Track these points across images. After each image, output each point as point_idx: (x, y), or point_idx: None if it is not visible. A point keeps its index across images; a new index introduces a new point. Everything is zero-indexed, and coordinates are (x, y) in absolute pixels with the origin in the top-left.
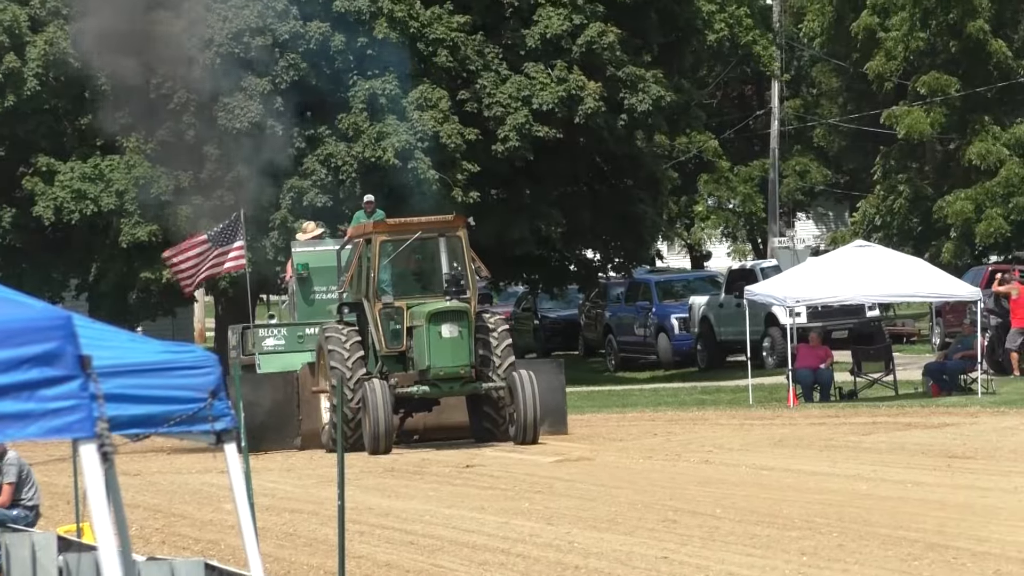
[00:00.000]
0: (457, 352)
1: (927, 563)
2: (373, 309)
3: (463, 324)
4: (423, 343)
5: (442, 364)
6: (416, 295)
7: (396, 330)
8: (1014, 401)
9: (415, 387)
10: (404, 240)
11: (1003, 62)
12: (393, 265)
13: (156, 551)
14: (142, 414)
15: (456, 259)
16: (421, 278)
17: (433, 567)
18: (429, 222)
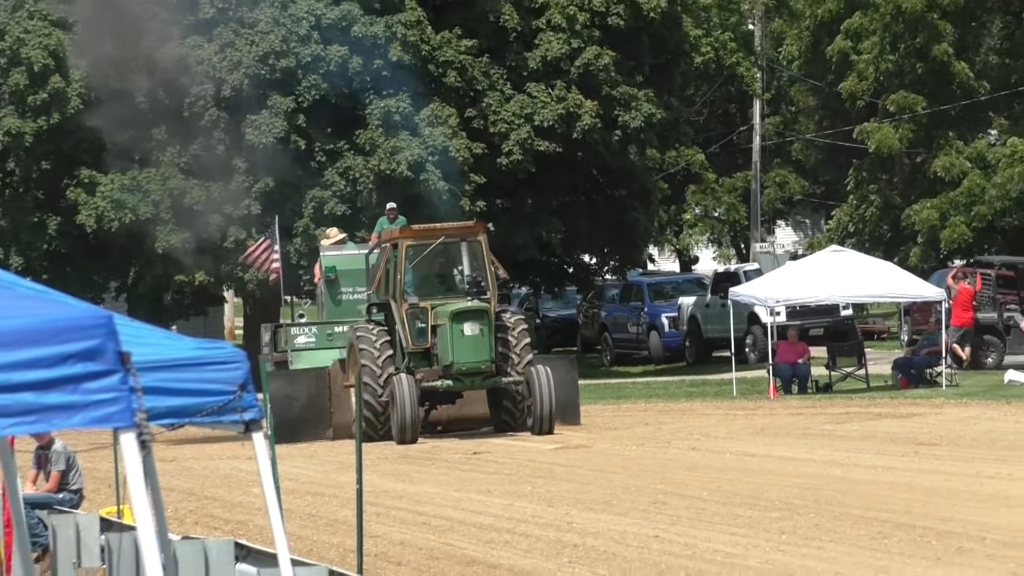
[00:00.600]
0: (478, 349)
1: (896, 541)
2: (400, 309)
3: (483, 323)
4: (446, 340)
5: (464, 360)
6: (439, 296)
7: (421, 328)
8: (976, 393)
9: (439, 381)
10: (428, 245)
11: (965, 82)
12: (418, 268)
13: (190, 531)
14: (177, 405)
15: (477, 262)
16: (444, 280)
17: (444, 545)
18: (452, 228)
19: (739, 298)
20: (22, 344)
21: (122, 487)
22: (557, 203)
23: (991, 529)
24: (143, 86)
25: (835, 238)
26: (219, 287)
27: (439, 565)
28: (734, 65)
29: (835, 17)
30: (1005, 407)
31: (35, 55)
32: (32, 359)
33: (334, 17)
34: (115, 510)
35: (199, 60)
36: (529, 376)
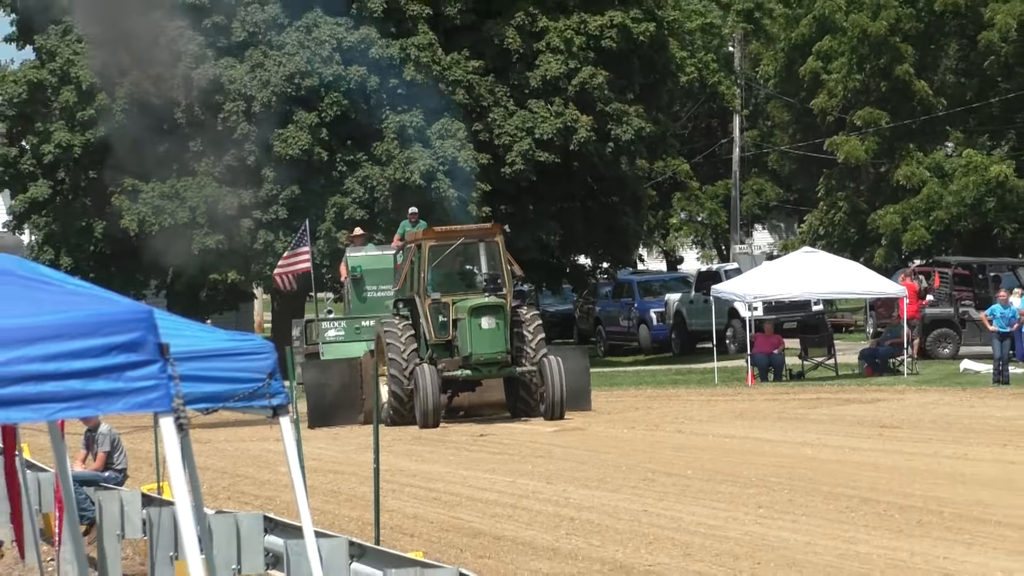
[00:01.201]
0: (495, 341)
1: (862, 514)
2: (423, 304)
3: (500, 317)
4: (465, 333)
5: (481, 351)
6: (460, 292)
7: (443, 322)
8: (934, 381)
9: (459, 371)
10: (449, 245)
11: (925, 99)
12: (439, 266)
13: (223, 505)
14: (211, 392)
15: (494, 261)
16: (464, 277)
17: (453, 518)
18: (471, 229)
19: (720, 295)
20: (71, 336)
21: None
22: (556, 209)
23: (948, 503)
24: (181, 103)
25: (807, 240)
26: (249, 285)
27: (448, 536)
28: (716, 84)
29: (807, 40)
30: (961, 393)
31: (83, 75)
32: (80, 350)
33: (354, 40)
34: (155, 487)
35: (232, 79)
36: (542, 366)
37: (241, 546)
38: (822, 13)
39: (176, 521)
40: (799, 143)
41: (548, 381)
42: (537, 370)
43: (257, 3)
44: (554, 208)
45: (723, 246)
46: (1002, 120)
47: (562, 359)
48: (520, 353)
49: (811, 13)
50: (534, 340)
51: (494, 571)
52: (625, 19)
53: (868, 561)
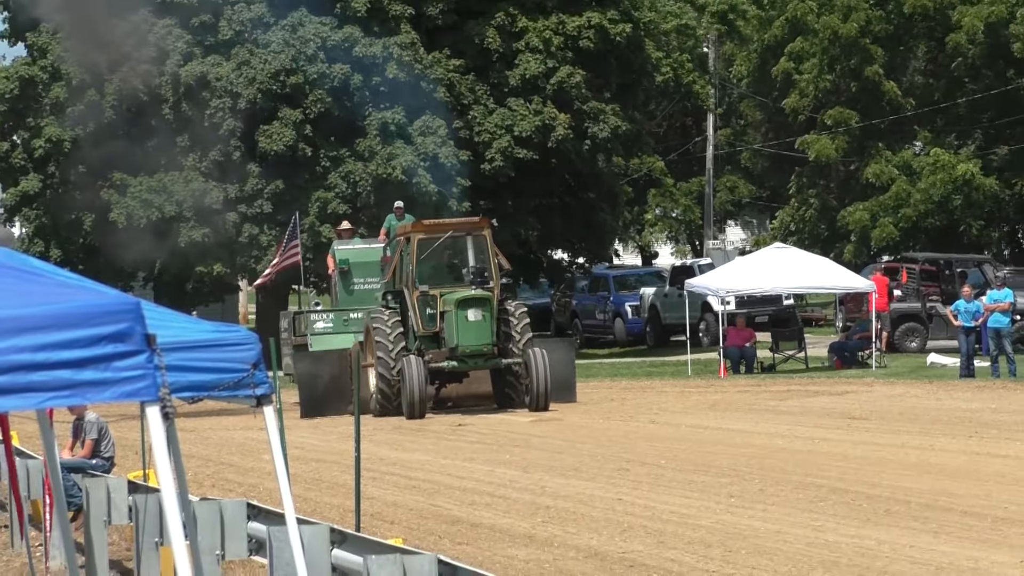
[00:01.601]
0: (481, 333)
1: (831, 504)
2: (411, 296)
3: (486, 309)
4: (452, 325)
5: (468, 343)
6: (447, 285)
7: (431, 314)
8: (902, 373)
9: (446, 362)
10: (438, 238)
11: (894, 99)
12: (428, 259)
13: (207, 493)
14: (196, 381)
15: (481, 254)
16: (452, 270)
17: (432, 506)
18: (459, 223)
19: (694, 289)
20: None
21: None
22: (534, 204)
23: (915, 493)
24: (169, 99)
25: (778, 236)
26: (234, 277)
27: (427, 524)
28: (690, 83)
29: (780, 41)
30: (928, 386)
31: (73, 72)
32: (69, 340)
33: (338, 39)
34: (141, 474)
35: (218, 76)
36: (527, 358)
37: (225, 532)
38: (794, 15)
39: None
40: (771, 141)
41: (533, 373)
42: (522, 362)
43: (243, 2)
44: (532, 204)
45: (697, 241)
46: (969, 120)
47: (548, 351)
48: (506, 345)
49: (783, 15)
50: (520, 333)
51: (472, 557)
52: (602, 20)
53: (836, 549)
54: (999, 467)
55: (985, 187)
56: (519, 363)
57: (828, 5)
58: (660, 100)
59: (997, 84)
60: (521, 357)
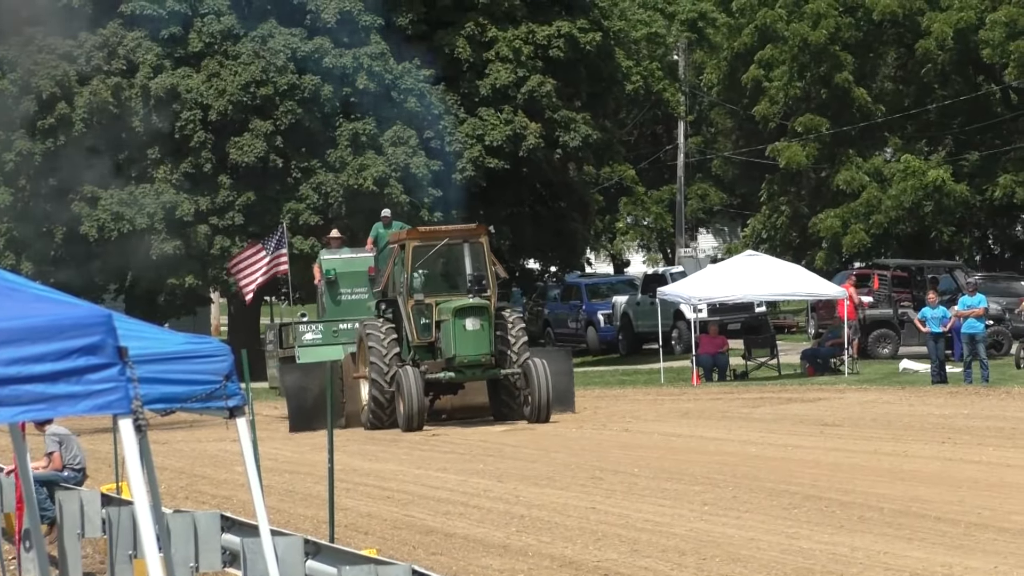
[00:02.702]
0: (479, 342)
1: (804, 511)
2: (406, 305)
3: (484, 318)
4: (449, 335)
5: (466, 353)
6: (443, 293)
7: (426, 324)
8: (874, 380)
9: (443, 373)
10: (433, 246)
11: (864, 106)
12: (423, 267)
13: (181, 504)
14: (169, 393)
15: (478, 262)
16: (447, 278)
17: (406, 516)
18: (455, 230)
19: (666, 297)
20: (33, 340)
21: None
22: (506, 214)
23: (888, 500)
24: (139, 111)
25: (750, 244)
26: (206, 289)
27: (401, 534)
28: (661, 91)
29: (749, 49)
30: (900, 392)
31: (43, 84)
32: (41, 353)
33: (308, 50)
34: (114, 487)
35: (188, 88)
36: (527, 368)
37: (199, 544)
38: (764, 23)
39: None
40: (742, 149)
41: (534, 384)
42: (521, 372)
43: (213, 14)
44: (504, 213)
45: (668, 249)
46: (939, 126)
47: (546, 361)
48: (503, 355)
49: (753, 23)
50: (517, 342)
51: (446, 567)
52: (572, 29)
53: (810, 556)
54: (972, 473)
55: (956, 193)
56: (518, 374)
57: (797, 12)
58: (631, 108)
59: (967, 90)
60: (520, 368)
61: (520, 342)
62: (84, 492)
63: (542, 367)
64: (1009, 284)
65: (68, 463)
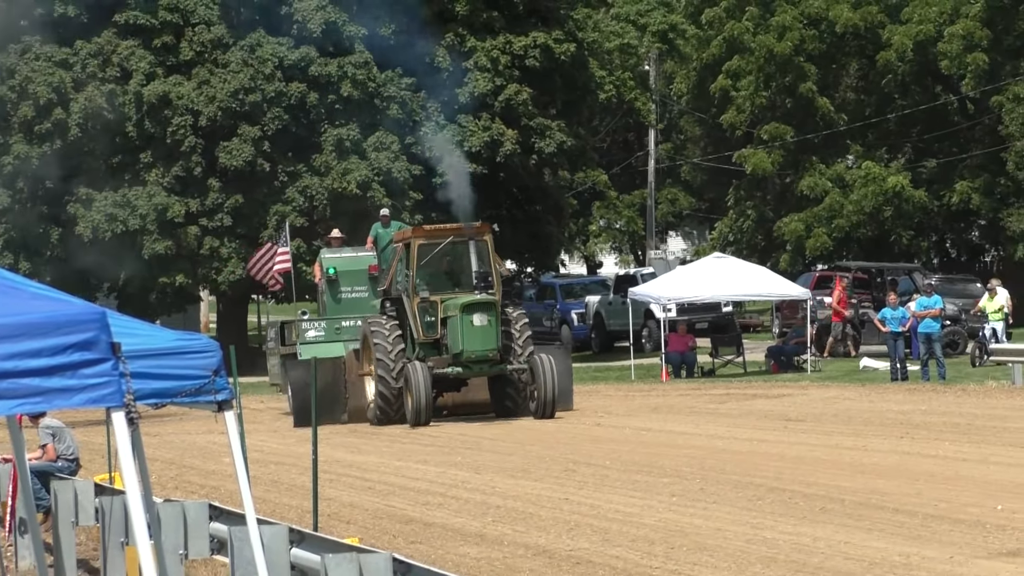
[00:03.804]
0: (486, 338)
1: (769, 502)
2: (411, 303)
3: (491, 314)
4: (457, 330)
5: (473, 348)
6: (447, 291)
7: (430, 321)
8: (836, 377)
9: (449, 368)
10: (438, 243)
11: (827, 115)
12: (427, 265)
13: (171, 494)
14: (160, 388)
15: (483, 259)
16: (452, 276)
17: (387, 506)
18: (460, 228)
19: (637, 297)
20: (29, 336)
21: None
22: (483, 217)
23: (848, 492)
24: (132, 117)
25: (718, 246)
26: (196, 288)
27: (382, 523)
28: (632, 100)
29: (718, 60)
30: (860, 389)
31: (41, 91)
32: (37, 349)
33: (294, 59)
34: (107, 477)
35: (180, 95)
36: (533, 364)
37: (188, 532)
38: (731, 35)
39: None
40: (710, 156)
41: (540, 379)
42: (528, 368)
43: (203, 24)
44: (482, 216)
45: (639, 251)
46: (899, 134)
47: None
48: (508, 352)
49: (721, 35)
50: (521, 338)
51: (425, 556)
52: (548, 40)
53: (774, 546)
54: (929, 466)
55: (914, 199)
56: (523, 369)
57: (764, 25)
58: (603, 116)
59: (925, 100)
60: (526, 364)
61: (524, 338)
62: (78, 482)
63: (548, 363)
64: (965, 286)
65: (62, 454)
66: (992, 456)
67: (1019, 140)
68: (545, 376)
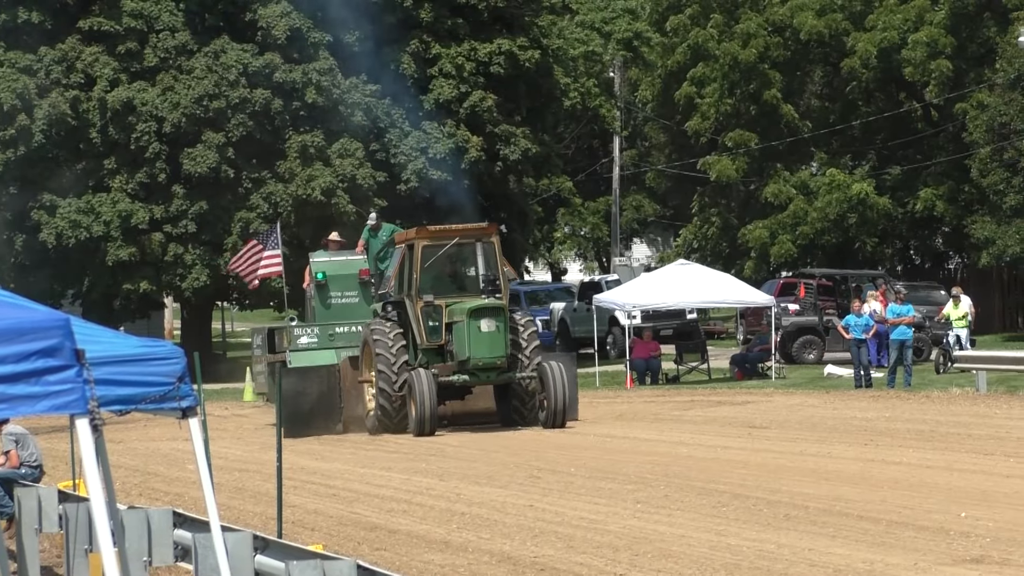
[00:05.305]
0: (494, 345)
1: (733, 509)
2: (415, 307)
3: (500, 319)
4: (463, 336)
5: (481, 355)
6: (452, 295)
7: (435, 326)
8: (800, 384)
9: (455, 376)
10: (443, 245)
11: (791, 122)
12: (430, 268)
13: (135, 501)
14: (124, 394)
15: (490, 262)
16: (455, 279)
17: (351, 513)
18: (466, 229)
19: (602, 304)
20: None
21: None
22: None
23: (812, 499)
24: (96, 123)
25: (682, 253)
26: (160, 294)
27: (347, 530)
28: (597, 107)
29: (682, 67)
30: (824, 396)
31: (4, 97)
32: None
33: (259, 65)
34: (71, 484)
35: (144, 102)
36: (542, 372)
37: (152, 539)
38: (696, 42)
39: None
40: (675, 163)
41: (550, 387)
42: (536, 376)
43: (168, 30)
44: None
45: (604, 258)
46: (863, 141)
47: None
48: (515, 359)
49: (686, 42)
50: (529, 346)
51: (390, 562)
52: (512, 47)
53: (738, 552)
54: (893, 473)
55: (879, 206)
56: (532, 377)
57: (728, 32)
58: (568, 123)
59: (889, 107)
60: (535, 372)
61: (532, 345)
62: (42, 489)
63: (558, 370)
64: (929, 293)
65: (25, 461)
66: (956, 463)
67: (983, 147)
68: (555, 385)
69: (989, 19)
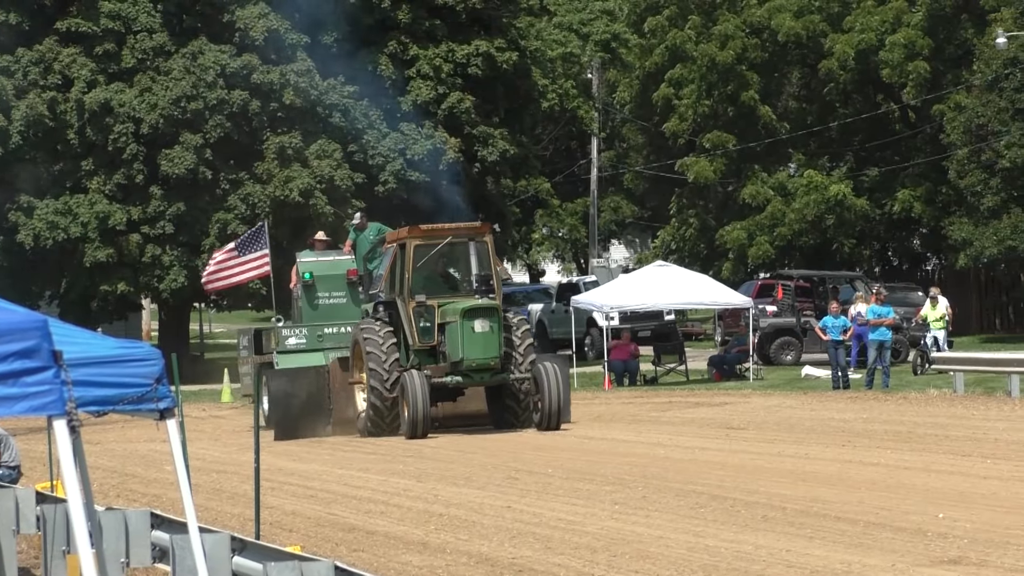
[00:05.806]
0: (488, 345)
1: (711, 510)
2: (407, 307)
3: (494, 320)
4: (456, 337)
5: (474, 356)
6: (445, 295)
7: (427, 327)
8: (777, 385)
9: (448, 377)
10: (436, 244)
11: (769, 124)
12: (422, 268)
13: (112, 503)
14: (102, 396)
15: (483, 261)
16: (448, 279)
17: (329, 514)
18: (459, 228)
19: (579, 305)
20: None
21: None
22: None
23: (790, 500)
24: (74, 125)
25: (660, 254)
26: (138, 296)
27: (325, 532)
28: (575, 108)
29: (660, 68)
30: (802, 397)
31: None
32: None
33: (236, 66)
34: (49, 485)
35: (121, 103)
36: (537, 373)
37: (129, 541)
38: (674, 44)
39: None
40: (653, 164)
41: (545, 389)
42: (530, 377)
43: (145, 32)
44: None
45: (582, 260)
46: (841, 143)
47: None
48: (508, 360)
49: (664, 43)
50: (523, 346)
51: (368, 563)
52: (490, 48)
53: (716, 554)
54: (870, 475)
55: (856, 207)
56: (526, 378)
57: (706, 34)
58: (546, 124)
59: (867, 108)
60: (529, 372)
61: (526, 345)
62: (19, 490)
63: (553, 371)
64: (907, 295)
65: (3, 462)
66: (933, 464)
67: (960, 149)
68: (550, 386)
69: (966, 21)
